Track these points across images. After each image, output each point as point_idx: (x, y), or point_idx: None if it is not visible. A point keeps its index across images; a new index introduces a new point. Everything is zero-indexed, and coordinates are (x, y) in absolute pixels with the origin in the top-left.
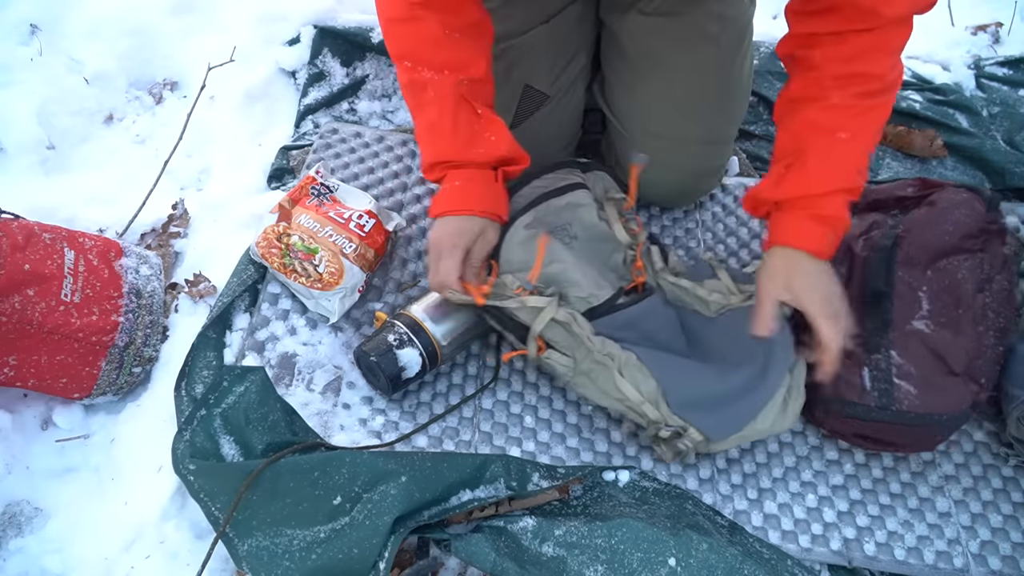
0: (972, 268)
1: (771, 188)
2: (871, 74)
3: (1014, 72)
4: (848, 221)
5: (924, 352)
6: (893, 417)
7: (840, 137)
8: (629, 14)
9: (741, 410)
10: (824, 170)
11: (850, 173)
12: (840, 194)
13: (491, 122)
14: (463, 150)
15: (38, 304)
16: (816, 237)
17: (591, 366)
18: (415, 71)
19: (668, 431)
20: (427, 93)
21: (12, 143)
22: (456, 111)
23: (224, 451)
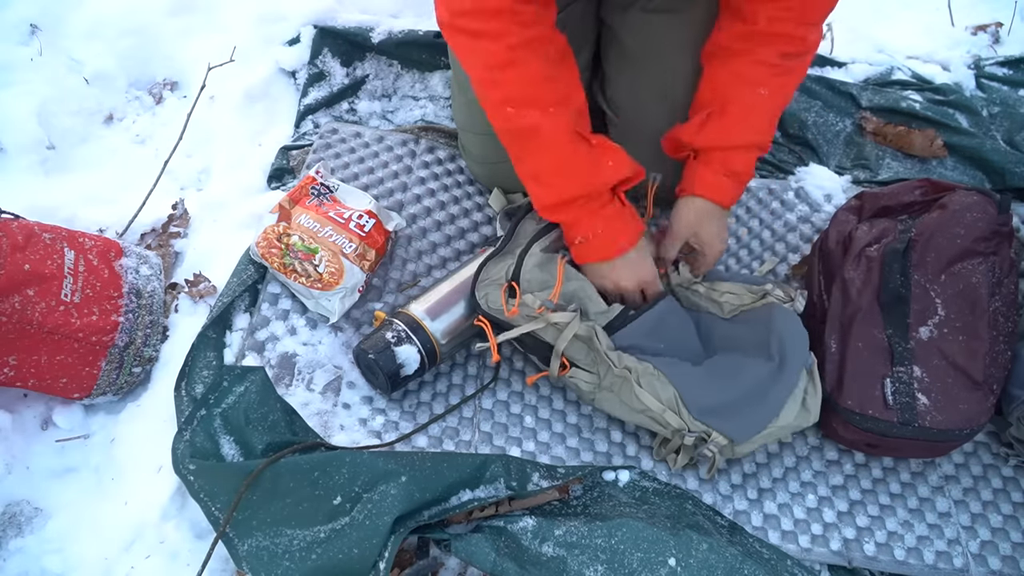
0: (985, 272)
1: (693, 134)
2: (796, 36)
3: (1014, 72)
4: (750, 175)
5: (945, 365)
6: (915, 433)
7: (760, 93)
8: (631, 11)
9: (763, 408)
10: (743, 123)
11: (764, 129)
12: (753, 149)
13: (606, 149)
14: (587, 183)
15: (38, 304)
16: (726, 191)
17: (613, 380)
18: (520, 116)
19: (692, 438)
20: (540, 137)
21: (12, 143)
22: (575, 149)
23: (224, 451)
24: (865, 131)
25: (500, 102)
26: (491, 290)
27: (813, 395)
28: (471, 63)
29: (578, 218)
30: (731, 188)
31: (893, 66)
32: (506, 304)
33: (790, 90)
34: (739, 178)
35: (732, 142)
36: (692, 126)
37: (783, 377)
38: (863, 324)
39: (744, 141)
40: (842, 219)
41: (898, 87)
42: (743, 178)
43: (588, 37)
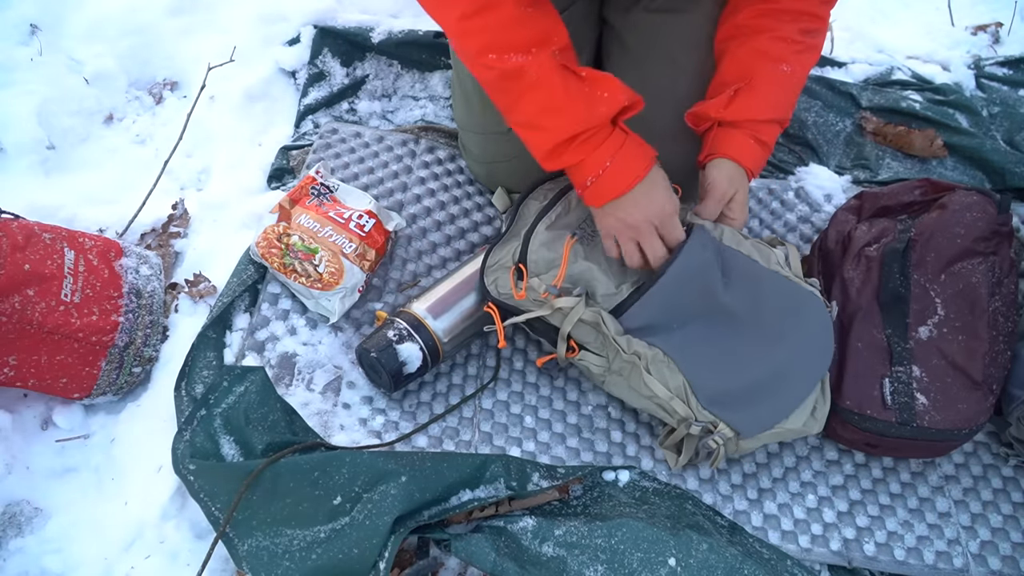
0: (985, 272)
1: (720, 108)
2: (815, 14)
3: (1014, 72)
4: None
5: (944, 365)
6: (914, 433)
7: (783, 69)
8: (633, 11)
9: (773, 406)
10: (769, 98)
11: (787, 105)
12: (777, 124)
13: (597, 79)
14: (586, 118)
15: (38, 304)
16: (756, 156)
17: (622, 365)
18: (502, 61)
19: (698, 427)
20: (527, 77)
21: (12, 143)
22: (565, 85)
23: (224, 451)
24: (865, 131)
25: (479, 51)
26: (500, 275)
27: (822, 405)
28: (444, 16)
29: (582, 157)
30: (760, 154)
31: (893, 66)
32: (515, 288)
33: (809, 67)
34: (766, 148)
35: (761, 115)
36: (720, 101)
37: (799, 381)
38: (862, 324)
39: (771, 116)
40: (841, 219)
41: (898, 87)
42: (769, 149)
43: (589, 38)
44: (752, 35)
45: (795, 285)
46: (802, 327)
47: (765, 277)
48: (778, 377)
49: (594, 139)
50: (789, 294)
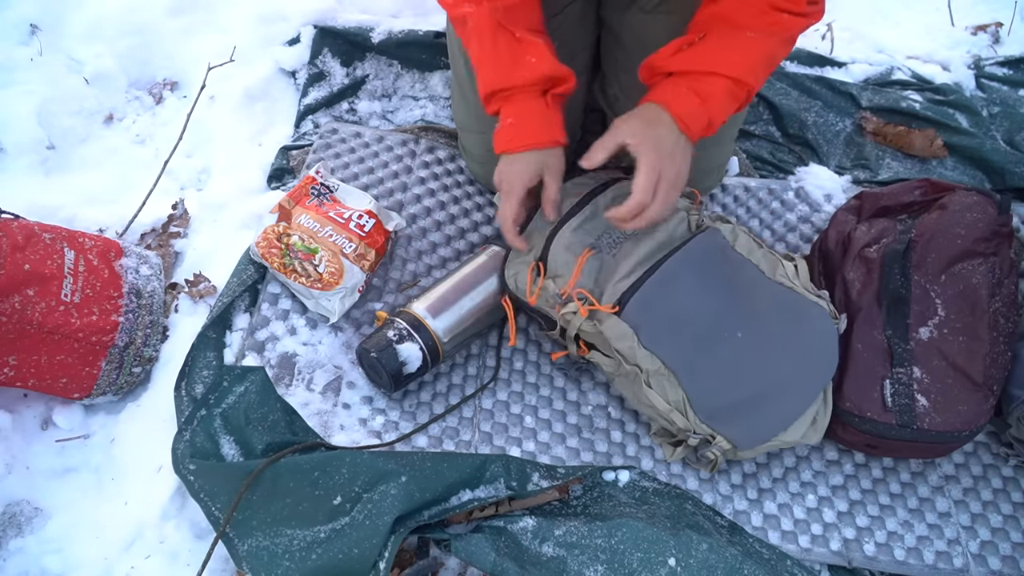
0: (985, 273)
1: (665, 59)
2: None
3: (1014, 72)
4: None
5: (945, 366)
6: (914, 435)
7: (746, 34)
8: (630, 11)
9: (772, 419)
10: (719, 53)
11: (743, 66)
12: (725, 80)
13: (531, 44)
14: (506, 76)
15: (38, 304)
16: (687, 104)
17: (630, 368)
18: (456, 6)
19: (696, 439)
20: (467, 27)
21: (12, 143)
22: (495, 38)
23: (224, 451)
24: (865, 131)
25: None
26: (520, 270)
27: (823, 415)
28: None
29: (500, 107)
30: (693, 103)
31: (893, 66)
32: (530, 287)
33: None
34: (703, 97)
35: (707, 67)
36: (667, 50)
37: (798, 393)
38: (863, 325)
39: (721, 69)
40: (841, 219)
41: (898, 87)
42: (709, 102)
43: (588, 38)
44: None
45: (799, 296)
46: (804, 338)
47: (769, 288)
48: (778, 389)
49: (514, 98)
50: (792, 305)
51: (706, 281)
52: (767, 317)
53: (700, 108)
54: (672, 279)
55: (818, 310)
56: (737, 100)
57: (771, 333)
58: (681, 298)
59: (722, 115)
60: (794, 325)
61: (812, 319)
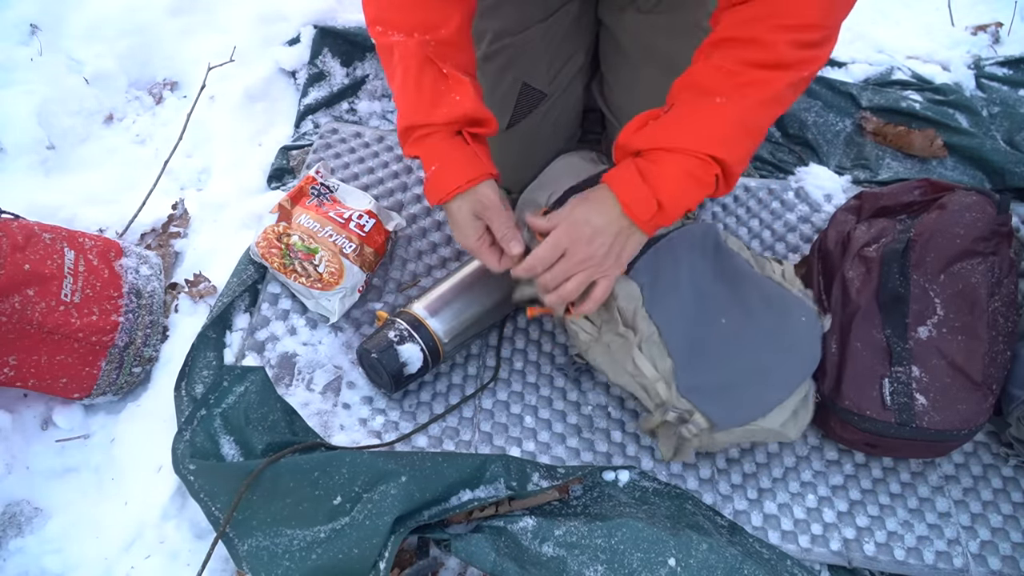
0: (985, 272)
1: (628, 135)
2: (761, 42)
3: (1014, 72)
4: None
5: (944, 365)
6: (913, 434)
7: (715, 100)
8: (627, 12)
9: (751, 403)
10: (679, 125)
11: (710, 138)
12: (681, 155)
13: (458, 83)
14: (427, 112)
15: (38, 304)
16: (628, 184)
17: (612, 338)
18: (385, 35)
19: (674, 414)
20: (393, 56)
21: (12, 143)
22: (420, 72)
23: (224, 451)
24: (865, 131)
25: (371, 21)
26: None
27: (804, 412)
28: None
29: (419, 152)
30: (637, 187)
31: (893, 66)
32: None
33: (757, 101)
34: (652, 181)
35: (663, 143)
36: (632, 124)
37: (780, 382)
38: (862, 324)
39: (679, 145)
40: (841, 219)
41: (898, 87)
42: (659, 185)
43: (586, 38)
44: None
45: (785, 291)
46: (789, 331)
47: (757, 280)
48: (760, 374)
49: (430, 139)
50: (779, 298)
51: (701, 263)
52: (753, 307)
53: (643, 189)
54: (673, 252)
55: (803, 306)
56: (702, 179)
57: (756, 322)
58: (679, 272)
59: (678, 196)
60: (779, 318)
61: (797, 314)
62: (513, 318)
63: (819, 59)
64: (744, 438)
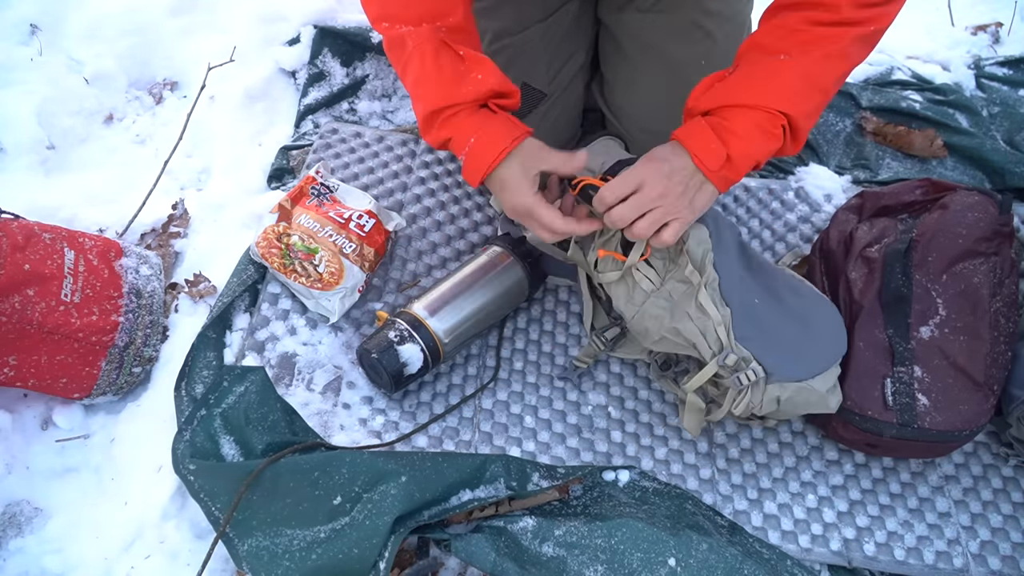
0: (987, 272)
1: (696, 97)
2: (824, 4)
3: (1014, 72)
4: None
5: (946, 365)
6: (914, 434)
7: (779, 59)
8: (626, 11)
9: (802, 362)
10: (745, 83)
11: (776, 93)
12: (750, 110)
13: (476, 61)
14: (452, 92)
15: (38, 304)
16: (701, 138)
17: (675, 285)
18: (393, 29)
19: (734, 358)
20: (407, 47)
21: (12, 143)
22: (437, 56)
23: (224, 451)
24: (865, 131)
25: (376, 18)
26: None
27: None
28: None
29: (450, 132)
30: (710, 140)
31: (893, 66)
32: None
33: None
34: (725, 135)
35: (732, 100)
36: (699, 88)
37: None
38: (864, 324)
39: (747, 101)
40: (843, 219)
41: (898, 87)
42: (731, 139)
43: (585, 38)
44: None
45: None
46: (818, 317)
47: (780, 271)
48: (807, 340)
49: (458, 116)
50: (804, 288)
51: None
52: (783, 295)
53: (715, 143)
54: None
55: (823, 299)
56: (769, 131)
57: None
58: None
59: (746, 148)
60: (809, 303)
61: (821, 301)
62: (513, 318)
63: (887, 15)
64: (789, 408)
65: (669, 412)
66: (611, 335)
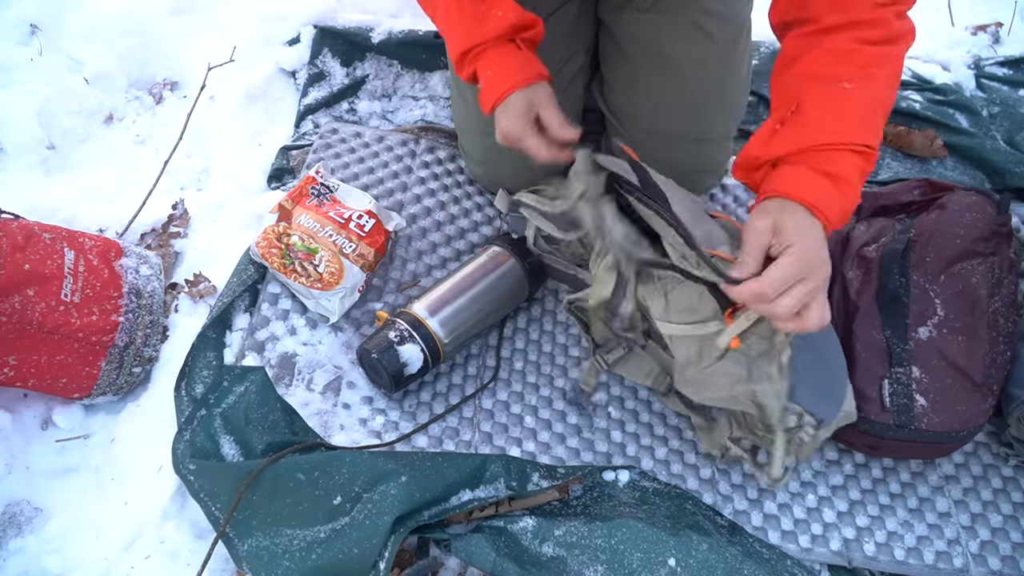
0: (985, 272)
1: (762, 145)
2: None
3: (1014, 72)
4: (856, 192)
5: (944, 366)
6: (912, 436)
7: (843, 87)
8: (626, 11)
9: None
10: (825, 120)
11: (857, 126)
12: (846, 151)
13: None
14: (475, 32)
15: (38, 304)
16: (817, 188)
17: (756, 341)
18: None
19: (794, 418)
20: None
21: (12, 143)
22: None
23: (224, 451)
24: None
25: None
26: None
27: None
28: None
29: (476, 67)
30: (823, 186)
31: None
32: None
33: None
34: (833, 179)
35: (815, 141)
36: (762, 135)
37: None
38: (862, 325)
39: (832, 139)
40: None
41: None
42: (841, 184)
43: (585, 38)
44: (796, 60)
45: None
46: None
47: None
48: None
49: (485, 53)
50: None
51: None
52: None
53: (832, 190)
54: None
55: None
56: (867, 161)
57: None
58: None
59: (856, 192)
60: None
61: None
62: (513, 318)
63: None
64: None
65: (669, 412)
66: (615, 356)
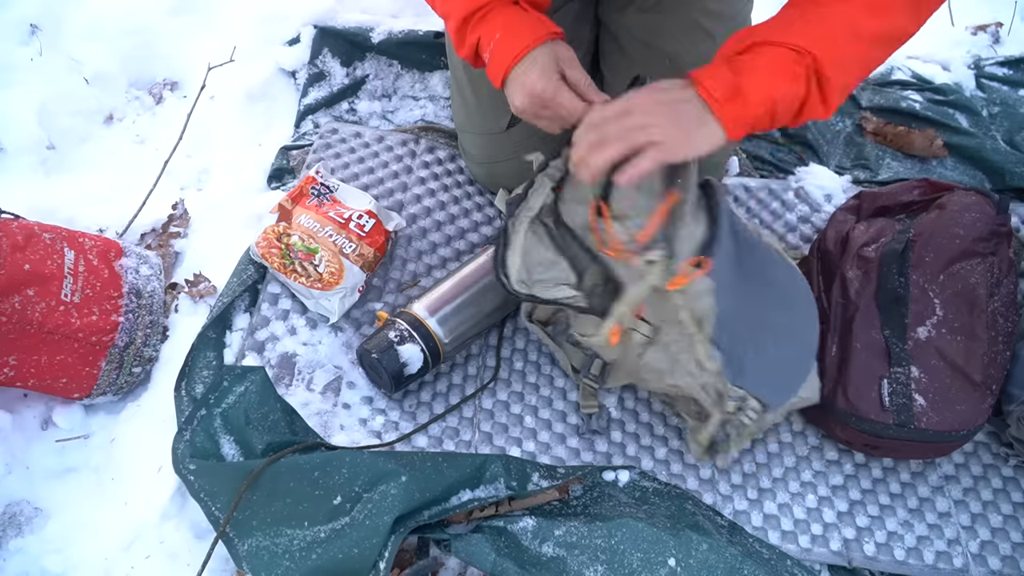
0: (984, 272)
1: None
2: None
3: (1014, 72)
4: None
5: (943, 365)
6: (912, 435)
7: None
8: (627, 11)
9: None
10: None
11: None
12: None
13: None
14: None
15: (38, 304)
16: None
17: (675, 338)
18: None
19: (733, 403)
20: None
21: (12, 143)
22: None
23: (224, 451)
24: (865, 131)
25: None
26: (577, 209)
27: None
28: None
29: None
30: (721, 69)
31: (893, 66)
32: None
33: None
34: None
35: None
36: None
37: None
38: (861, 324)
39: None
40: (840, 219)
41: (898, 87)
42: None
43: (585, 39)
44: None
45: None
46: (799, 295)
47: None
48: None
49: (488, 16)
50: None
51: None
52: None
53: (724, 71)
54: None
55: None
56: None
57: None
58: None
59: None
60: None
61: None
62: (513, 318)
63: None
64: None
65: (669, 412)
66: (596, 370)
